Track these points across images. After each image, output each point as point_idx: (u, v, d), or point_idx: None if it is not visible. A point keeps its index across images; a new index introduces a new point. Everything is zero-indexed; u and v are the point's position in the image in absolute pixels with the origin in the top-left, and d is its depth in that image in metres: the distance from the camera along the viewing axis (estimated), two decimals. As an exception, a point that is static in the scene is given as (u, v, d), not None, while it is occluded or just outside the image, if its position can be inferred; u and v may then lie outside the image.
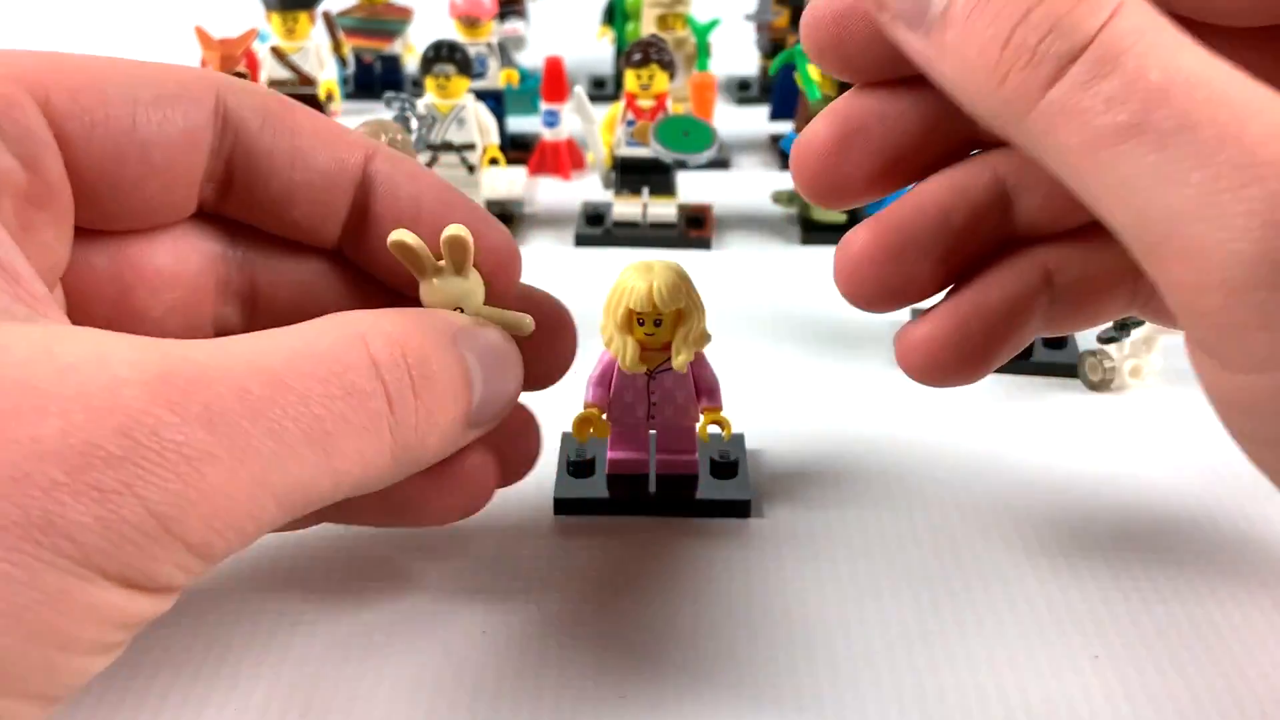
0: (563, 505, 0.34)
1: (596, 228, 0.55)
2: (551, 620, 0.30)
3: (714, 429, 0.34)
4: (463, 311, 0.28)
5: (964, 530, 0.33)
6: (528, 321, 0.28)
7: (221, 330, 0.30)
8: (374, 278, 0.30)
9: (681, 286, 0.31)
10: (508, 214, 0.56)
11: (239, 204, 0.29)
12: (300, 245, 0.30)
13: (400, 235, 0.27)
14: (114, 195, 0.27)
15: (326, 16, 0.70)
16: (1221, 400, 0.21)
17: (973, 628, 0.30)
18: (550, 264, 0.53)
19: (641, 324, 0.32)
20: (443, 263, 0.27)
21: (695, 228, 0.55)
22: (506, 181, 0.57)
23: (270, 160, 0.29)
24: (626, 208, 0.55)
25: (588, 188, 0.61)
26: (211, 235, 0.30)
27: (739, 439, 0.36)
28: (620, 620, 0.30)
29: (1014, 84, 0.21)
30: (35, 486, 0.19)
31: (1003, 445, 0.38)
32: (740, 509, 0.34)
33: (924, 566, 0.32)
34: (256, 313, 0.31)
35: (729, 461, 0.35)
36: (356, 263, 0.30)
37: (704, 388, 0.34)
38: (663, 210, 0.55)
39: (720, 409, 0.34)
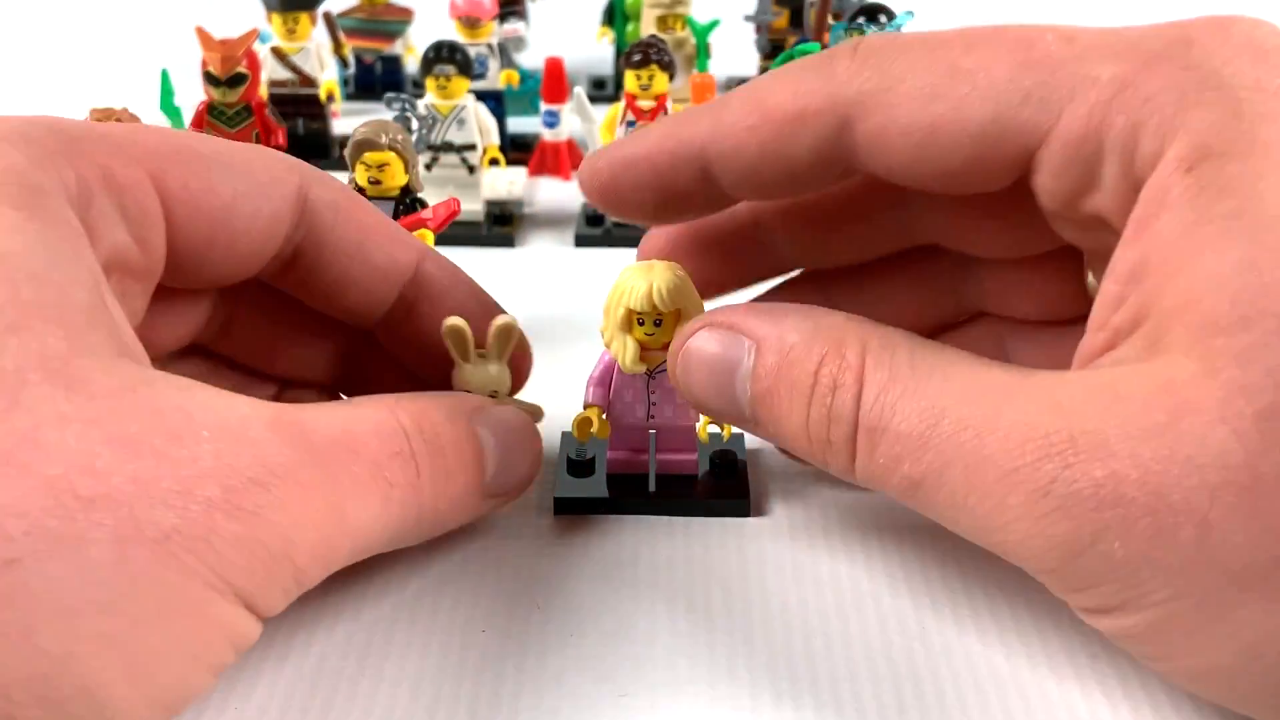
0: (563, 505, 0.34)
1: (596, 228, 0.55)
2: (551, 620, 0.30)
3: (714, 428, 0.34)
4: (495, 396, 0.32)
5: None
6: (541, 410, 0.32)
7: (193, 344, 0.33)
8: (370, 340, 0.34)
9: (681, 286, 0.31)
10: (508, 214, 0.56)
11: (293, 281, 0.32)
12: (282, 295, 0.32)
13: (455, 322, 0.31)
14: (192, 269, 0.29)
15: (327, 17, 0.70)
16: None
17: (972, 627, 0.30)
18: (550, 264, 0.53)
19: (641, 324, 0.32)
20: (481, 351, 0.31)
21: (695, 228, 0.55)
22: (506, 182, 0.57)
23: (334, 251, 0.31)
24: (626, 208, 0.55)
25: (588, 188, 0.61)
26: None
27: (739, 438, 0.36)
28: (620, 620, 0.30)
29: (833, 465, 0.27)
30: (195, 502, 0.21)
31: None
32: (740, 509, 0.34)
33: (923, 566, 0.32)
34: (228, 335, 0.33)
35: (729, 461, 0.35)
36: (387, 346, 0.33)
37: None
38: (663, 211, 0.54)
39: None
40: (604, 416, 0.34)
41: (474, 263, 0.34)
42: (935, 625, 0.30)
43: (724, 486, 0.34)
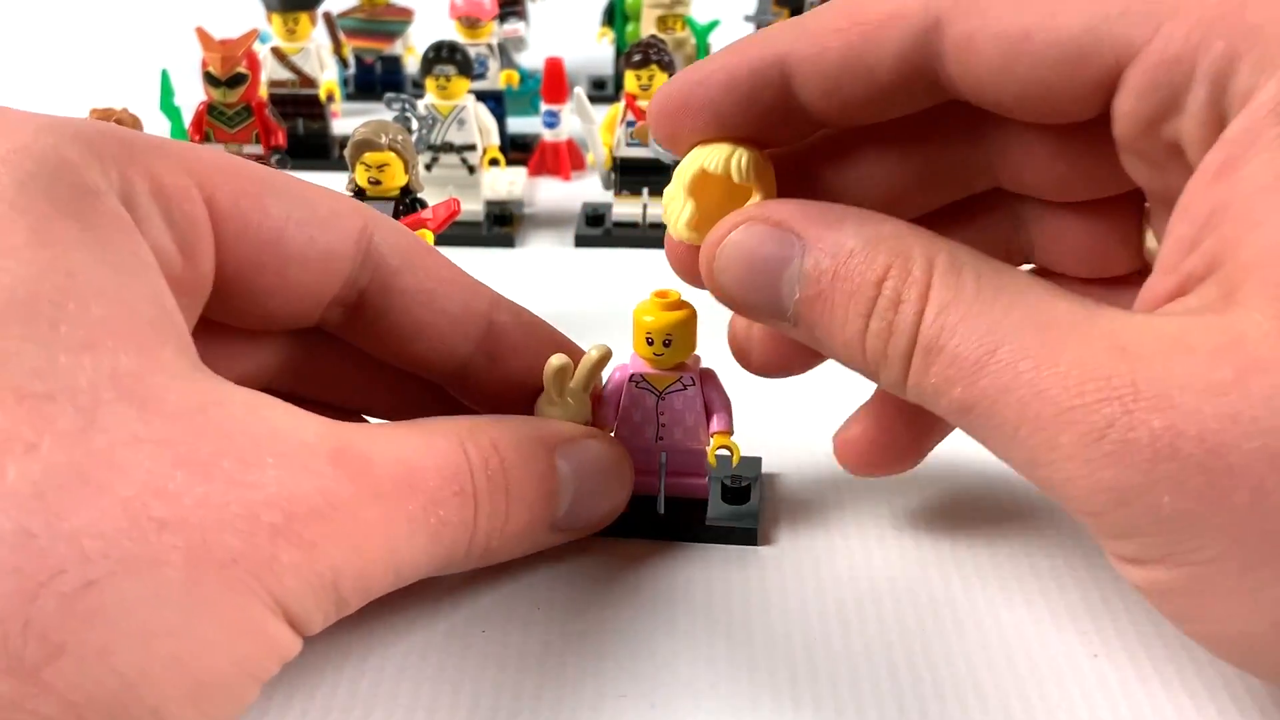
0: None
1: (596, 228, 0.55)
2: (552, 620, 0.30)
3: (722, 452, 0.32)
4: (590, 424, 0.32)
5: (968, 541, 0.33)
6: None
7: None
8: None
9: (762, 167, 0.28)
10: (507, 214, 0.56)
11: (361, 332, 0.31)
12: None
13: (563, 360, 0.30)
14: (242, 300, 0.28)
15: (327, 17, 0.71)
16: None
17: (972, 628, 0.30)
18: (550, 264, 0.53)
19: (650, 343, 0.31)
20: (573, 384, 0.31)
21: (695, 228, 0.55)
22: (506, 182, 0.57)
23: (404, 298, 0.30)
24: (626, 208, 0.55)
25: (588, 188, 0.61)
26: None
27: (755, 463, 0.35)
28: (620, 621, 0.30)
29: (884, 379, 0.26)
30: (260, 528, 0.22)
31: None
32: (749, 536, 0.33)
33: (923, 568, 0.32)
34: (287, 382, 0.32)
35: (741, 486, 0.34)
36: (462, 398, 0.33)
37: (714, 410, 0.32)
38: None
39: (730, 433, 0.32)
40: (611, 435, 0.33)
41: (474, 263, 0.34)
42: (935, 626, 0.30)
43: (734, 512, 0.33)
